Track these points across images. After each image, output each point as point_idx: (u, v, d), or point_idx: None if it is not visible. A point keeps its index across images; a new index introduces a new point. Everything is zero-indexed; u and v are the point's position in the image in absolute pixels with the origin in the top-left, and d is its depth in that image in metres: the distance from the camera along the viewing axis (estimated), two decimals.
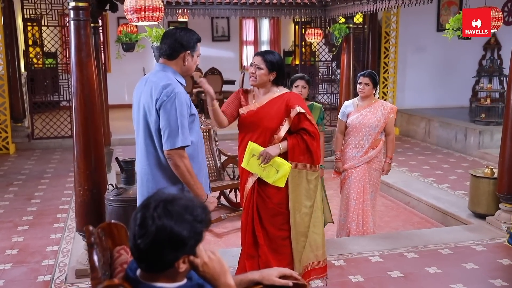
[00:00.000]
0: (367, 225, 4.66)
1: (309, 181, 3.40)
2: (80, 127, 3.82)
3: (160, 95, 2.75)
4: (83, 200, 3.87)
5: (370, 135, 4.53)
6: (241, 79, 12.30)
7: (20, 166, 7.69)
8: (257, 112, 3.38)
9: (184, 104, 2.77)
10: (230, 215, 5.65)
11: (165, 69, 2.88)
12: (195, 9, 7.44)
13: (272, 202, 3.40)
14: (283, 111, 3.32)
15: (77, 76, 3.76)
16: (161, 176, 2.87)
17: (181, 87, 2.84)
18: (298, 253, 3.45)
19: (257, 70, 3.33)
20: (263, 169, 3.33)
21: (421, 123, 9.59)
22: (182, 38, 2.85)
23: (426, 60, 10.58)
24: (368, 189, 4.59)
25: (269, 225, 3.43)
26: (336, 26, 7.70)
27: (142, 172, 2.95)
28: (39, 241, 4.74)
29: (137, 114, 2.93)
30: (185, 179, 2.80)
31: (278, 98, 3.36)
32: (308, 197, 3.41)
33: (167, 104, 2.73)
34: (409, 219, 5.80)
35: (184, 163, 2.77)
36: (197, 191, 2.83)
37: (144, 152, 2.90)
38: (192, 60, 2.91)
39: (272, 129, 3.33)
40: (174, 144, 2.74)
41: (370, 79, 4.49)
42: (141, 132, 2.90)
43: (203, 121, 6.10)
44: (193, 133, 2.88)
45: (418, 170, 7.31)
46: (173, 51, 2.86)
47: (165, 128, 2.75)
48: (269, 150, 3.30)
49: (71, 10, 3.70)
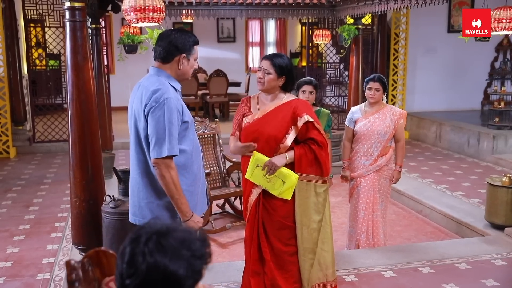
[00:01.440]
0: (377, 237, 4.42)
1: (317, 194, 3.19)
2: (76, 133, 3.61)
3: (149, 100, 2.56)
4: (79, 212, 3.67)
5: (380, 143, 4.29)
6: (246, 81, 12.09)
7: (19, 171, 7.50)
8: (262, 119, 3.17)
9: (174, 111, 2.57)
10: (235, 224, 5.42)
11: (159, 73, 2.69)
12: (200, 9, 7.24)
13: (278, 215, 3.18)
14: (289, 119, 3.12)
15: (73, 81, 3.55)
16: (152, 186, 2.68)
17: (173, 92, 2.63)
18: (306, 271, 3.24)
19: (265, 75, 3.13)
20: (268, 180, 3.11)
21: (432, 127, 9.33)
22: (177, 41, 2.65)
23: (436, 62, 10.32)
24: (378, 199, 4.36)
25: (275, 240, 3.22)
26: (345, 27, 7.47)
27: (133, 181, 2.77)
28: (35, 252, 4.52)
29: (129, 120, 2.74)
30: (170, 192, 2.59)
31: (285, 105, 3.16)
32: (317, 211, 3.20)
33: (156, 110, 2.54)
34: (421, 229, 5.55)
35: (170, 174, 2.56)
36: (181, 206, 2.62)
37: (135, 160, 2.72)
38: (188, 63, 2.71)
39: (278, 138, 3.12)
40: (161, 153, 2.54)
41: (381, 84, 4.25)
42: (132, 139, 2.72)
43: (207, 126, 5.88)
44: (186, 141, 2.67)
45: (429, 176, 7.06)
46: (168, 54, 2.66)
47: (152, 135, 2.56)
48: (275, 160, 3.08)
49: (67, 10, 3.50)
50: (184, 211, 2.63)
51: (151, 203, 2.68)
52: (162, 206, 2.67)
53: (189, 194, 2.67)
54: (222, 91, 11.23)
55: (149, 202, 2.69)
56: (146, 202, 2.69)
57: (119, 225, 3.37)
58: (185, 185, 2.64)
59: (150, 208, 2.69)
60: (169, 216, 2.68)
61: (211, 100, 11.33)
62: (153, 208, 2.69)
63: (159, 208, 2.68)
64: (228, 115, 11.74)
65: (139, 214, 2.73)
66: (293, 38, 14.68)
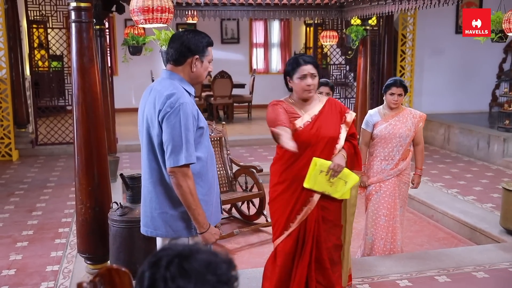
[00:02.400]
0: (395, 243, 4.29)
1: (353, 187, 3.25)
2: (82, 138, 3.49)
3: (163, 106, 2.43)
4: (85, 219, 3.54)
5: (401, 146, 4.17)
6: (251, 82, 11.96)
7: (22, 174, 7.38)
8: (315, 122, 3.07)
9: (190, 116, 2.44)
10: (243, 230, 5.30)
11: (172, 76, 2.56)
12: (205, 10, 7.11)
13: (333, 218, 3.22)
14: (339, 118, 3.13)
15: (79, 83, 3.43)
16: (166, 196, 2.55)
17: (188, 97, 2.51)
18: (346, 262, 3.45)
19: (314, 79, 3.04)
20: (331, 184, 3.06)
21: (440, 129, 9.19)
22: (189, 42, 2.52)
23: (444, 64, 10.18)
24: (398, 204, 4.24)
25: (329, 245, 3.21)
26: (353, 28, 7.33)
27: (145, 190, 2.63)
28: (39, 259, 4.40)
29: (141, 126, 2.60)
30: (187, 202, 2.46)
31: (328, 105, 3.15)
32: (353, 204, 3.37)
33: (171, 116, 2.41)
34: (434, 235, 5.42)
35: (187, 183, 2.44)
36: (198, 217, 2.49)
37: (147, 168, 2.58)
38: (202, 66, 2.57)
39: (335, 138, 3.10)
40: (178, 161, 2.41)
41: (403, 88, 4.14)
42: (145, 146, 2.58)
43: (214, 129, 5.75)
44: (201, 148, 2.55)
45: (440, 180, 6.92)
46: (180, 56, 2.53)
47: (168, 143, 2.43)
48: (339, 161, 3.06)
49: (72, 11, 3.37)
50: (201, 223, 2.50)
51: (164, 213, 2.55)
52: (177, 217, 2.54)
53: (204, 203, 2.54)
54: (227, 93, 11.10)
55: (163, 212, 2.55)
56: (159, 212, 2.56)
57: (127, 233, 3.25)
58: (201, 195, 2.51)
59: (164, 218, 2.56)
60: (184, 227, 2.56)
61: (215, 102, 11.20)
62: (166, 219, 2.56)
63: (173, 219, 2.55)
64: (232, 117, 11.62)
65: (151, 225, 2.60)
66: (297, 39, 14.55)
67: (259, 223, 5.53)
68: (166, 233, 2.57)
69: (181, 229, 2.55)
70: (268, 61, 14.31)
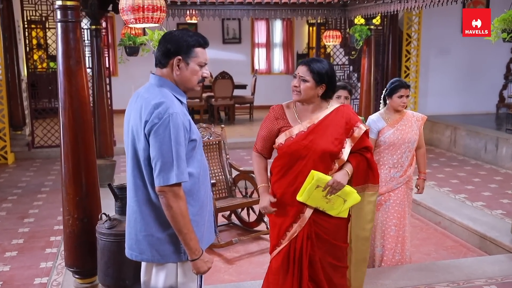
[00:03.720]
0: (403, 254, 4.08)
1: (369, 202, 3.01)
2: (69, 145, 3.29)
3: (150, 116, 2.17)
4: (72, 231, 3.34)
5: (409, 151, 3.96)
6: (252, 83, 11.75)
7: (17, 178, 7.18)
8: (310, 133, 2.79)
9: (181, 128, 2.18)
10: (242, 238, 5.08)
11: (161, 82, 2.30)
12: (204, 9, 6.91)
13: (331, 238, 2.90)
14: (342, 130, 2.81)
15: (65, 87, 3.22)
16: (152, 217, 2.29)
17: (179, 106, 2.25)
18: (359, 280, 3.17)
19: (302, 82, 2.76)
20: (327, 201, 2.80)
21: (446, 131, 8.96)
22: (172, 40, 2.26)
23: (450, 64, 9.94)
24: (407, 212, 4.04)
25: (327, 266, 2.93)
26: (357, 27, 7.11)
27: (130, 209, 2.38)
28: (27, 271, 4.20)
29: (126, 137, 2.34)
30: (177, 225, 2.20)
31: (334, 114, 2.83)
32: (370, 220, 3.07)
33: (159, 128, 2.15)
34: (441, 243, 5.19)
35: (178, 204, 2.18)
36: (190, 243, 2.23)
37: (132, 185, 2.32)
38: (188, 69, 2.28)
39: (333, 152, 2.79)
40: (168, 179, 2.15)
41: (409, 89, 3.95)
42: (129, 161, 2.32)
43: (213, 132, 5.53)
44: (193, 162, 2.29)
45: (446, 184, 6.69)
46: (163, 57, 2.29)
47: (157, 159, 2.16)
48: (340, 179, 2.77)
49: (58, 10, 3.17)
50: (193, 248, 2.24)
51: (150, 236, 2.30)
52: (164, 240, 2.29)
53: (195, 224, 2.28)
54: (228, 94, 10.90)
55: (148, 235, 2.30)
56: (144, 235, 2.31)
57: (115, 247, 3.03)
58: (191, 215, 2.26)
59: (150, 242, 2.31)
60: (172, 251, 2.30)
61: (216, 103, 11.00)
62: (153, 242, 2.30)
63: (160, 242, 2.30)
64: (234, 119, 11.42)
65: (136, 248, 2.35)
66: (300, 39, 14.33)
67: (259, 230, 5.32)
68: (152, 258, 2.33)
69: (169, 253, 2.31)
70: (270, 62, 14.09)
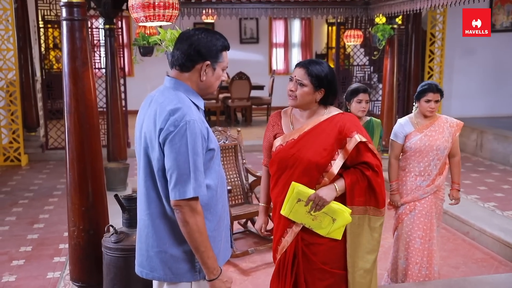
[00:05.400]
0: (431, 268, 3.78)
1: (372, 229, 2.57)
2: (74, 152, 3.07)
3: (165, 123, 1.96)
4: (78, 243, 3.13)
5: (439, 159, 3.66)
6: (270, 84, 11.50)
7: (29, 180, 7.04)
8: (299, 141, 2.53)
9: (199, 136, 1.97)
10: (259, 248, 4.83)
11: (177, 85, 2.09)
12: (221, 8, 6.70)
13: (320, 261, 2.54)
14: (333, 140, 2.48)
15: (71, 90, 3.01)
16: (166, 232, 2.09)
17: (196, 113, 2.04)
18: None
19: (299, 87, 2.49)
20: (312, 218, 2.48)
21: (472, 135, 8.60)
22: (200, 44, 2.05)
23: (475, 64, 9.59)
24: (434, 224, 3.74)
25: None
26: (379, 27, 6.83)
27: (141, 223, 2.17)
28: (33, 281, 4.01)
29: (138, 144, 2.14)
30: (194, 242, 2.00)
31: (327, 123, 2.52)
32: (371, 250, 2.58)
33: (175, 137, 1.94)
34: (470, 255, 4.88)
35: (196, 220, 1.98)
36: (208, 261, 2.02)
37: (144, 197, 2.12)
38: (214, 74, 2.11)
39: (320, 165, 2.47)
40: (185, 193, 1.95)
41: (440, 94, 3.64)
42: (141, 170, 2.11)
43: (228, 136, 5.30)
44: (211, 173, 2.09)
45: (474, 191, 6.37)
46: (187, 60, 2.06)
47: (173, 170, 1.96)
48: (323, 194, 2.44)
49: (63, 7, 2.96)
50: (211, 268, 2.04)
51: (163, 252, 2.10)
52: (178, 257, 2.09)
53: (212, 240, 2.08)
54: (245, 95, 10.67)
55: (161, 251, 2.10)
56: (156, 251, 2.11)
57: (122, 263, 2.82)
58: (208, 230, 2.05)
59: (162, 259, 2.10)
60: (187, 269, 2.10)
61: (233, 104, 10.78)
62: (166, 259, 2.10)
63: (174, 260, 2.09)
64: (250, 120, 11.19)
65: (147, 265, 2.15)
66: (319, 39, 14.04)
67: None
68: (164, 276, 2.12)
69: (183, 272, 2.10)
70: (288, 62, 13.83)
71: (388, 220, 4.05)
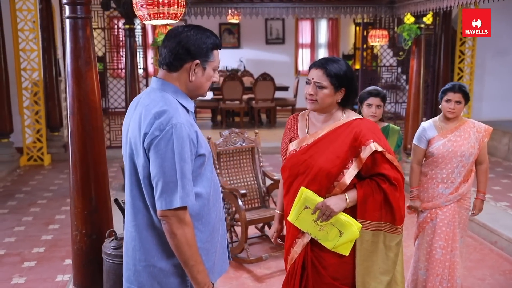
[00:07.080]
0: (453, 281, 3.56)
1: (388, 247, 2.31)
2: (77, 155, 3.00)
3: (150, 127, 1.83)
4: (80, 248, 3.05)
5: (463, 166, 3.43)
6: (295, 85, 11.34)
7: (50, 180, 7.07)
8: (312, 147, 2.33)
9: (187, 141, 1.84)
10: (274, 254, 4.69)
11: (164, 86, 1.96)
12: (242, 8, 6.59)
13: (329, 275, 2.33)
14: (347, 147, 2.26)
15: (74, 91, 2.93)
16: (154, 244, 1.96)
17: (184, 115, 1.91)
18: None
19: (318, 89, 2.30)
20: (319, 228, 2.30)
21: (503, 139, 8.25)
22: (189, 41, 1.91)
23: (508, 65, 9.22)
24: (457, 234, 3.51)
25: None
26: (405, 26, 6.58)
27: (127, 235, 2.05)
28: (42, 284, 3.97)
29: (124, 150, 2.02)
30: (182, 256, 1.87)
31: (344, 128, 2.30)
32: (386, 271, 2.33)
33: (161, 142, 1.81)
34: (498, 266, 4.62)
35: (184, 232, 1.85)
36: (197, 276, 1.90)
37: (130, 207, 1.99)
38: (204, 74, 1.97)
39: (331, 173, 2.26)
40: (171, 203, 1.82)
41: (463, 95, 3.41)
42: (127, 178, 1.99)
43: (246, 138, 5.17)
44: (202, 181, 1.95)
45: (504, 198, 6.07)
46: (175, 59, 1.93)
47: (158, 178, 1.83)
48: (330, 203, 2.23)
49: (66, 5, 2.87)
50: (202, 283, 1.92)
51: (151, 266, 1.97)
52: (168, 272, 1.97)
53: (204, 253, 1.96)
54: (269, 96, 10.53)
55: (149, 265, 1.97)
56: (144, 265, 1.98)
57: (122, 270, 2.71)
58: (200, 242, 1.93)
59: (151, 273, 1.98)
60: (178, 283, 1.97)
61: (257, 106, 10.66)
62: (154, 274, 1.97)
63: (163, 274, 1.97)
64: (275, 122, 11.04)
65: (135, 280, 2.02)
66: (346, 40, 13.80)
67: None
68: None
69: (173, 287, 1.97)
70: None
71: (411, 227, 3.86)
